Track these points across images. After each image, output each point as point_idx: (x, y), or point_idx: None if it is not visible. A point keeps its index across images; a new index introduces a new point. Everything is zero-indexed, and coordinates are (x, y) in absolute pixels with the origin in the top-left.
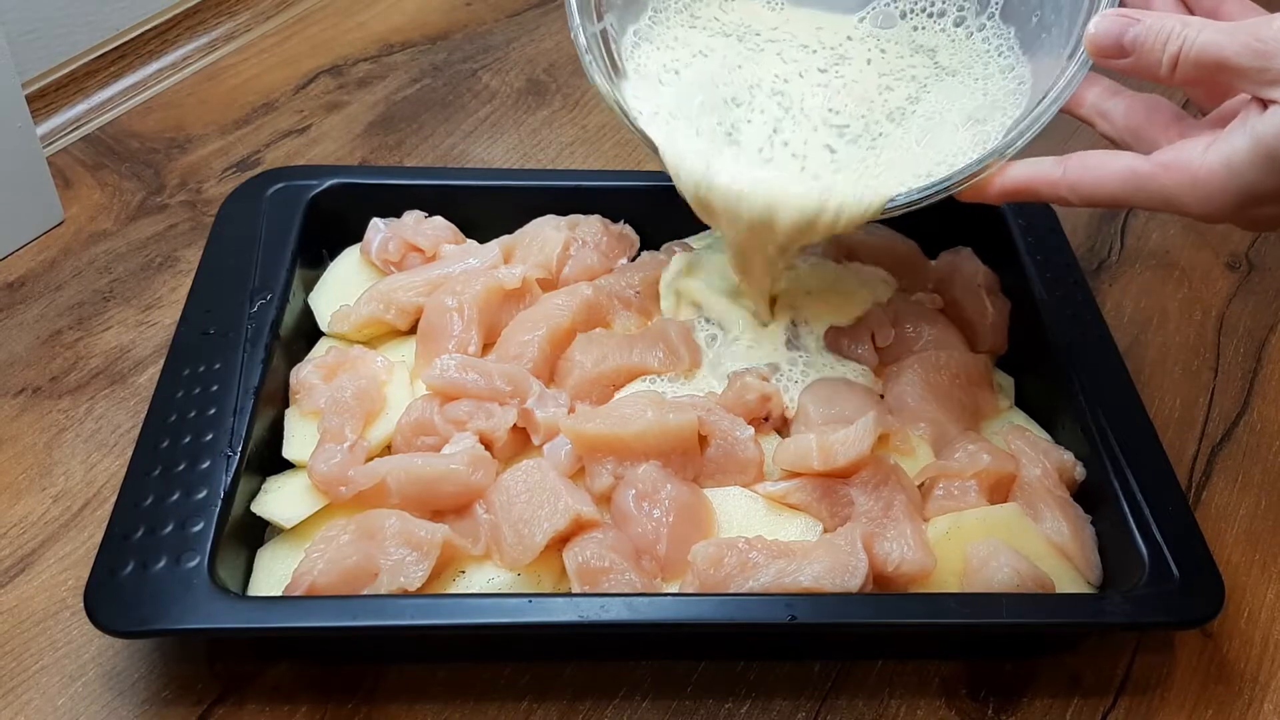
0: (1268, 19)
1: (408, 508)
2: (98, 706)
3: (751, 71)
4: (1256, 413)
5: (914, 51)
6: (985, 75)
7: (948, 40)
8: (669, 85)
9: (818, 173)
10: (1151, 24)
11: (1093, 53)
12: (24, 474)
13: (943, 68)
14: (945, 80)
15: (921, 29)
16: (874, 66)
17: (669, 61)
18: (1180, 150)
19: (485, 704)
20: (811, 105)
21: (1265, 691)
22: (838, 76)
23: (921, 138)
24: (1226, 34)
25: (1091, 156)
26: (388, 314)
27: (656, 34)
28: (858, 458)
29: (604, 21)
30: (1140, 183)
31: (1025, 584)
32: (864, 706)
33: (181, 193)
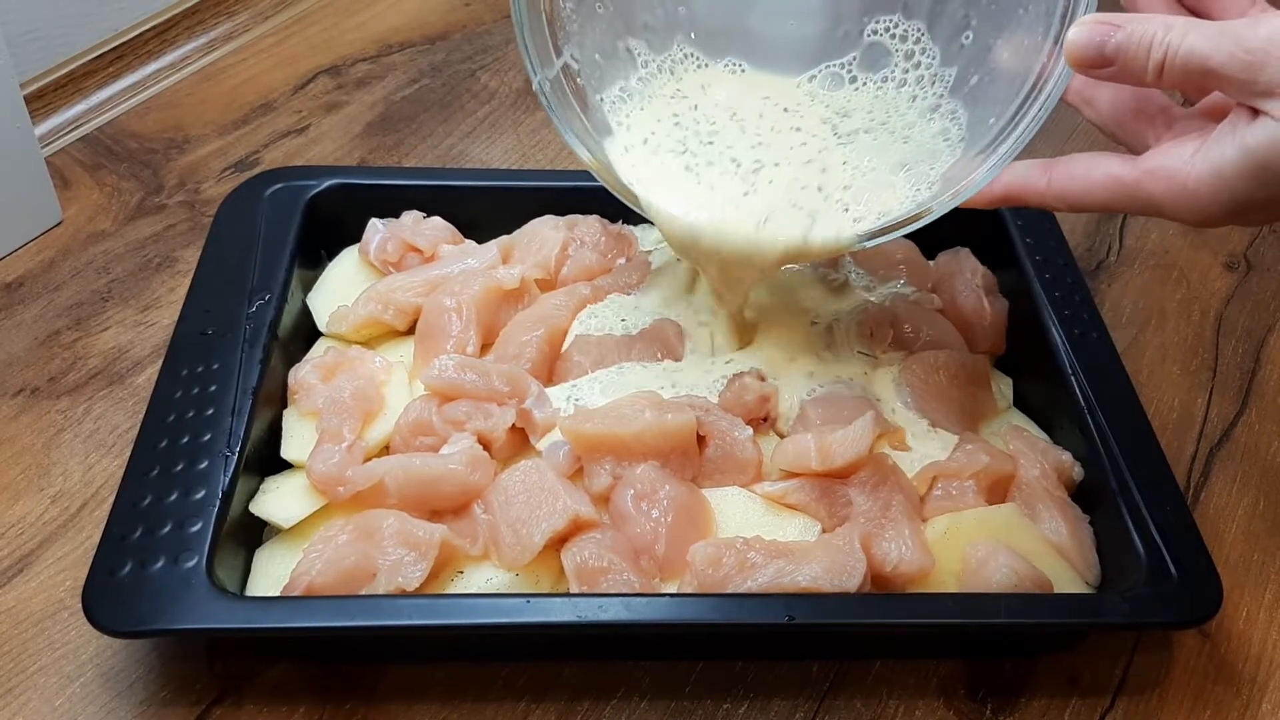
0: (1252, 22)
1: (406, 508)
2: (96, 707)
3: (717, 129)
4: (1255, 413)
5: (872, 101)
6: (926, 115)
7: (893, 89)
8: (649, 140)
9: (790, 209)
10: (1133, 30)
11: (1073, 64)
12: (22, 474)
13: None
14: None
15: (864, 85)
16: (828, 125)
17: (651, 119)
18: (1166, 155)
19: (483, 704)
20: (776, 157)
21: (1263, 691)
22: (795, 134)
23: (898, 170)
24: (1212, 41)
25: (1076, 163)
26: (386, 314)
27: (641, 92)
28: (856, 458)
29: (563, 57)
30: (1127, 191)
31: (1023, 584)
32: (862, 706)
33: (180, 193)
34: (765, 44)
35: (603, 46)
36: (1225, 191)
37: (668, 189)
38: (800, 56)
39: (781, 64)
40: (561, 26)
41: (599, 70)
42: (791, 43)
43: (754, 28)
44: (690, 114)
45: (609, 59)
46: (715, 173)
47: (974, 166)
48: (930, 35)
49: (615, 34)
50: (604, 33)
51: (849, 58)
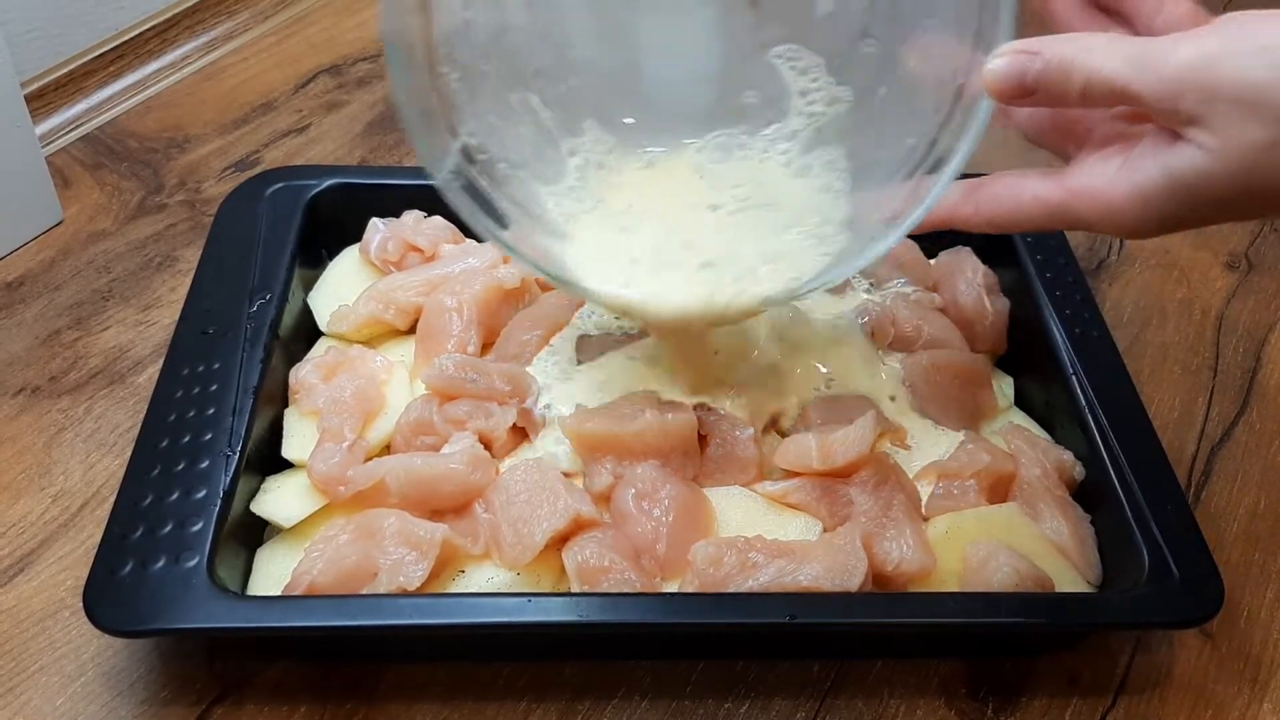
0: (1170, 45)
1: (407, 507)
2: (97, 706)
3: (630, 210)
4: (1256, 412)
5: (756, 171)
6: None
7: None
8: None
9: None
10: (1051, 57)
11: (995, 97)
12: (23, 474)
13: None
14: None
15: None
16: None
17: (565, 202)
18: (1091, 173)
19: (484, 703)
20: (688, 235)
21: (1264, 691)
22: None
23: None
24: (1131, 66)
25: (1001, 185)
26: (387, 314)
27: (552, 175)
28: (857, 457)
29: (460, 138)
30: (1055, 212)
31: (1024, 583)
32: (863, 706)
33: (180, 192)
34: (662, 98)
35: (497, 111)
36: (1152, 211)
37: (595, 269)
38: (696, 112)
39: (680, 122)
40: (451, 103)
41: (498, 140)
42: (688, 94)
43: (648, 76)
44: (607, 197)
45: (507, 121)
46: (635, 249)
47: (899, 194)
48: (828, 60)
49: (509, 89)
50: (496, 95)
51: (739, 126)
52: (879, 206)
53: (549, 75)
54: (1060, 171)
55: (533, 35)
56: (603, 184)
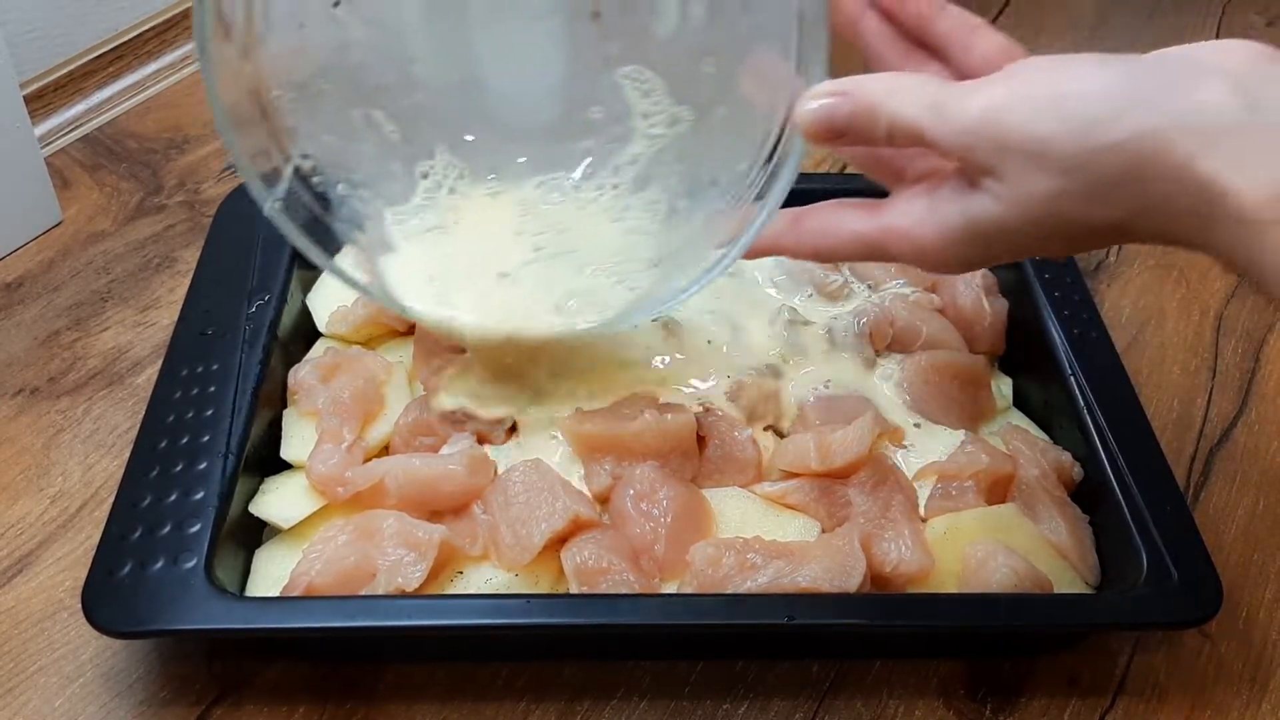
0: (965, 93)
1: (406, 508)
2: (95, 707)
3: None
4: (1255, 413)
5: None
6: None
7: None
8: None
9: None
10: (858, 100)
11: (809, 139)
12: (22, 474)
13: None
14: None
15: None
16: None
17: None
18: (901, 213)
19: (483, 704)
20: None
21: (1264, 692)
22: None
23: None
24: (930, 113)
25: (823, 218)
26: (386, 315)
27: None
28: (855, 458)
29: (292, 160)
30: (871, 248)
31: (1023, 584)
32: (862, 707)
33: (180, 193)
34: (507, 113)
35: (338, 129)
36: (954, 252)
37: (411, 287)
38: (541, 128)
39: (526, 138)
40: (282, 124)
41: (337, 159)
42: (533, 109)
43: (492, 90)
44: (445, 220)
45: (347, 141)
46: (450, 270)
47: (731, 220)
48: (669, 80)
49: (350, 105)
50: (336, 113)
51: (585, 141)
52: (714, 230)
53: (392, 91)
54: (877, 206)
55: (373, 51)
56: (446, 207)
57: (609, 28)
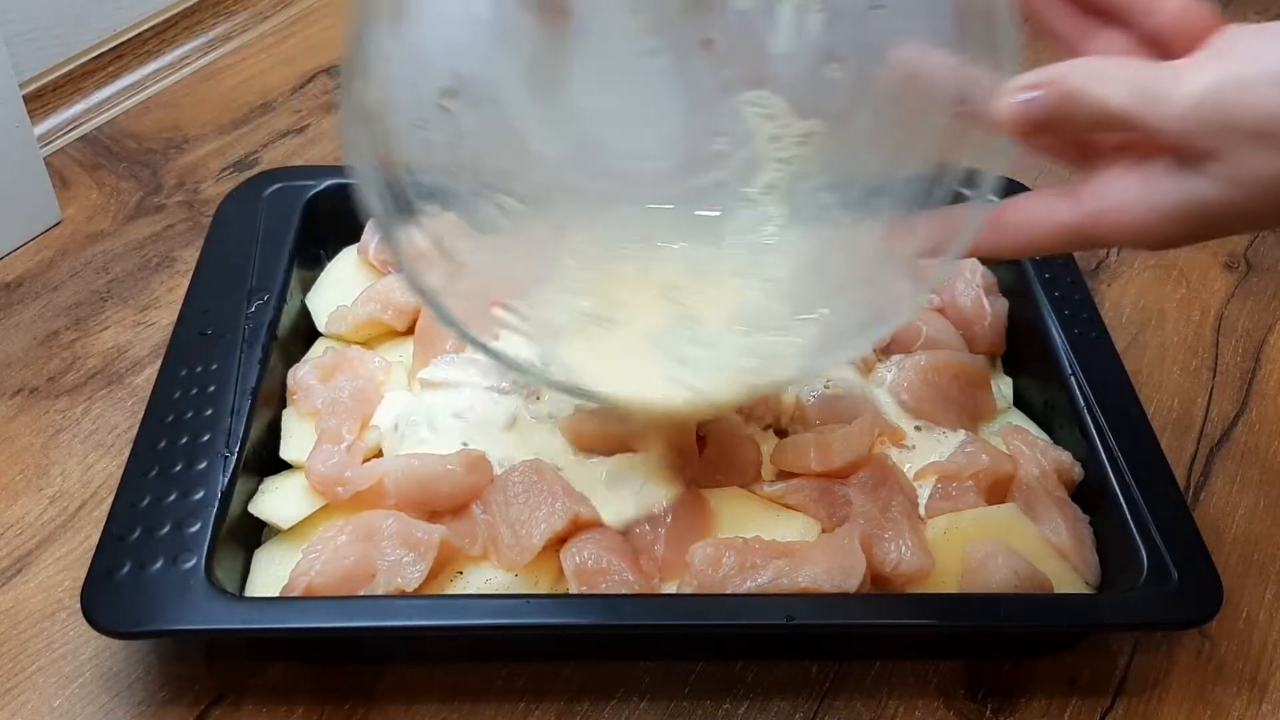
0: (1174, 77)
1: (405, 508)
2: (95, 708)
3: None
4: (1255, 413)
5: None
6: None
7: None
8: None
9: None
10: (1059, 93)
11: (1012, 136)
12: (21, 474)
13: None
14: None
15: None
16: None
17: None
18: (1108, 195)
19: (483, 704)
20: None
21: (1264, 692)
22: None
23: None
24: (1138, 98)
25: (1022, 213)
26: (385, 314)
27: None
28: (855, 458)
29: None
30: (1081, 237)
31: (1023, 584)
32: (862, 707)
33: (179, 193)
34: (631, 164)
35: (474, 222)
36: (1173, 229)
37: (593, 371)
38: (668, 171)
39: (652, 183)
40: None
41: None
42: (656, 154)
43: (612, 147)
44: (596, 296)
45: (484, 234)
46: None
47: (925, 226)
48: (792, 97)
49: (477, 199)
50: (469, 208)
51: (711, 173)
52: (904, 239)
53: (513, 174)
54: (1077, 192)
55: (487, 138)
56: (591, 284)
57: (722, 53)
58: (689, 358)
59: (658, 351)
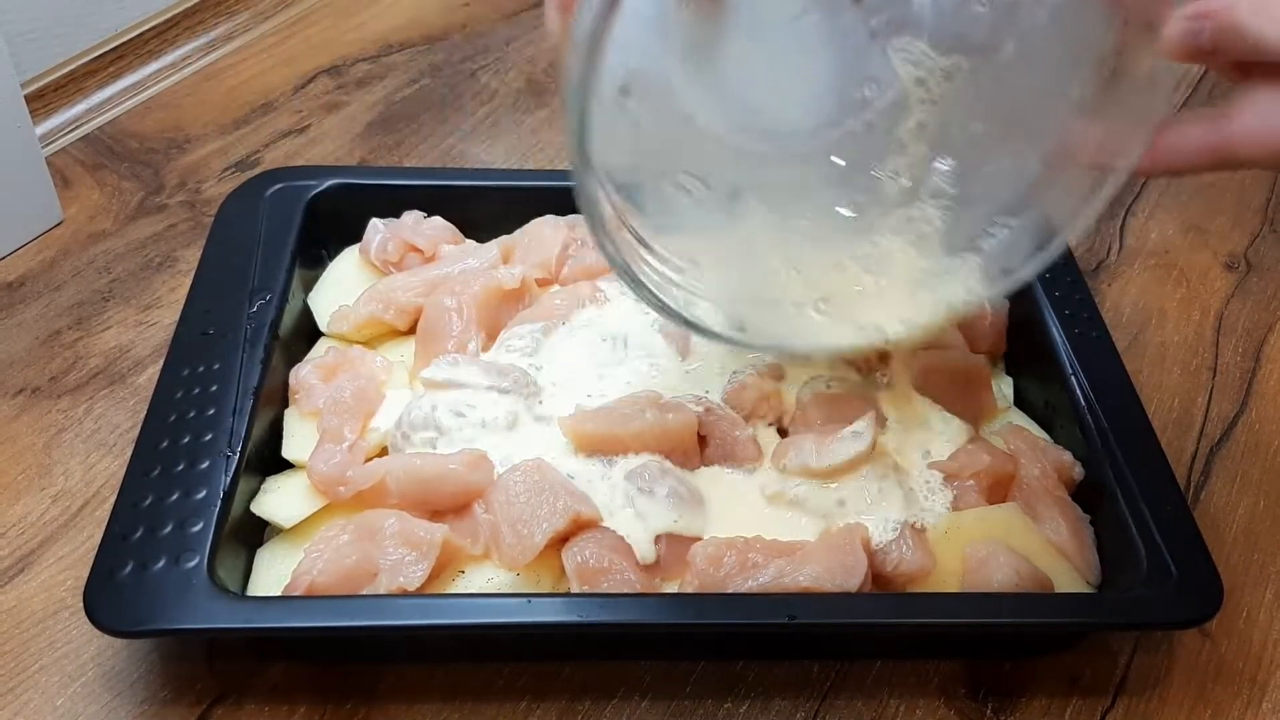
0: None
1: (407, 508)
2: (97, 707)
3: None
4: (1255, 412)
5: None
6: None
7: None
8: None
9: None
10: (1223, 22)
11: (1177, 59)
12: (23, 474)
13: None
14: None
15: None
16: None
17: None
18: (1254, 116)
19: (484, 704)
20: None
21: (1264, 691)
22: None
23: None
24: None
25: (1171, 134)
26: (387, 314)
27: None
28: (856, 457)
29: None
30: (1222, 157)
31: (1024, 584)
32: (863, 706)
33: (181, 193)
34: (789, 123)
35: (658, 207)
36: None
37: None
38: (822, 123)
39: (808, 137)
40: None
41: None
42: (813, 110)
43: (771, 112)
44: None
45: (668, 216)
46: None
47: (1095, 137)
48: (933, 37)
49: (659, 184)
50: (653, 195)
51: (860, 117)
52: (1076, 151)
53: (685, 151)
54: (1220, 115)
55: (659, 124)
56: (772, 248)
57: (869, 4)
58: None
59: (837, 310)
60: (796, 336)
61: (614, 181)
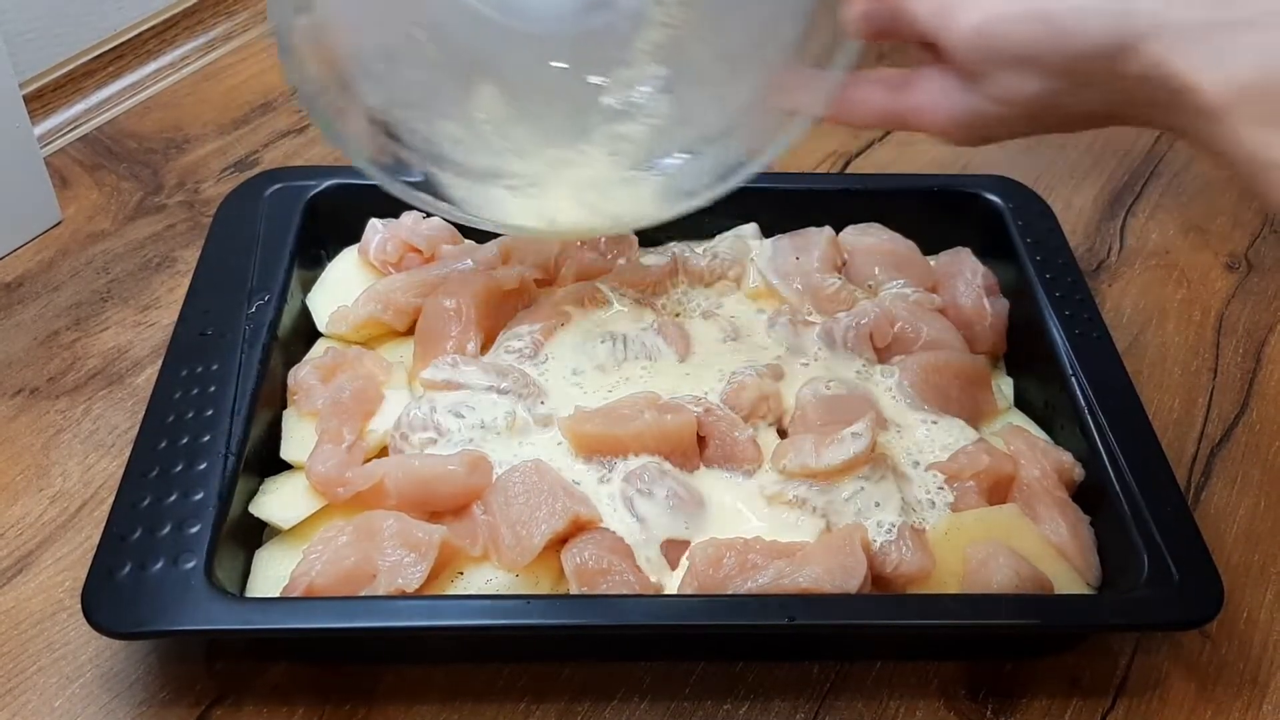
0: (960, 9)
1: (406, 509)
2: (95, 708)
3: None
4: (1255, 413)
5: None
6: None
7: None
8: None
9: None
10: (888, 4)
11: (860, 37)
12: (21, 475)
13: None
14: None
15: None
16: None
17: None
18: (921, 92)
19: (483, 705)
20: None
21: (1264, 692)
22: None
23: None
24: (937, 21)
25: (860, 91)
26: (386, 315)
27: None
28: (856, 458)
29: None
30: (897, 124)
31: (1024, 585)
32: (863, 707)
33: (179, 193)
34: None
35: (386, 52)
36: (968, 134)
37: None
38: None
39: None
40: (349, 78)
41: (398, 94)
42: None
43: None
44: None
45: (396, 66)
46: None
47: (793, 83)
48: None
49: (388, 36)
50: (385, 35)
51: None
52: (776, 95)
53: (428, 3)
54: (901, 85)
55: None
56: (510, 140)
57: None
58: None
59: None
60: (485, 207)
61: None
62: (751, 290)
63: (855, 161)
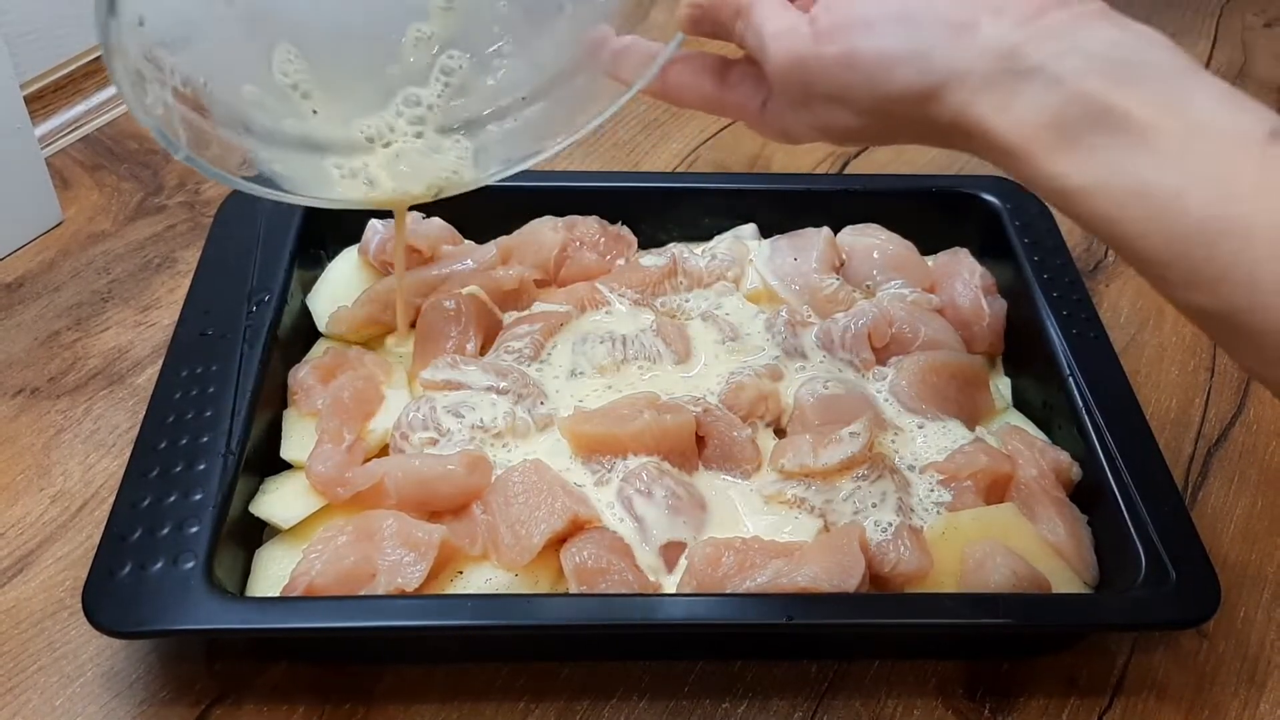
0: (778, 39)
1: (405, 508)
2: (96, 707)
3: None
4: (1253, 413)
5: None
6: None
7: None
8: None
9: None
10: (718, 7)
11: (687, 33)
12: (22, 474)
13: None
14: None
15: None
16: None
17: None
18: (738, 89)
19: (483, 704)
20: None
21: (1261, 691)
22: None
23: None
24: (758, 43)
25: (685, 74)
26: (385, 315)
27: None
28: (854, 458)
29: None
30: (718, 111)
31: (1022, 584)
32: (861, 707)
33: (180, 194)
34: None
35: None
36: (777, 133)
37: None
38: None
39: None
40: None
41: (199, 62)
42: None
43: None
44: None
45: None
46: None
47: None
48: None
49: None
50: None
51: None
52: (592, 60)
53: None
54: (724, 76)
55: None
56: (319, 104)
57: None
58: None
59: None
60: (310, 185)
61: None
62: (750, 291)
63: (853, 162)
